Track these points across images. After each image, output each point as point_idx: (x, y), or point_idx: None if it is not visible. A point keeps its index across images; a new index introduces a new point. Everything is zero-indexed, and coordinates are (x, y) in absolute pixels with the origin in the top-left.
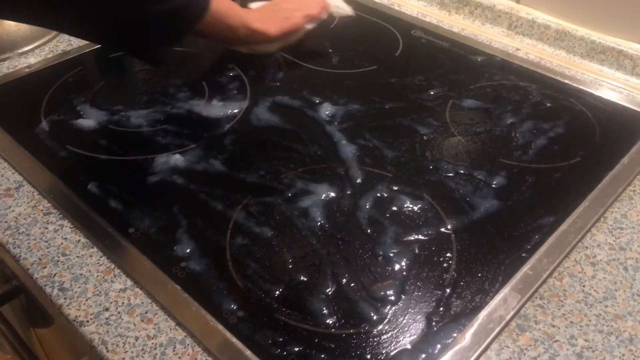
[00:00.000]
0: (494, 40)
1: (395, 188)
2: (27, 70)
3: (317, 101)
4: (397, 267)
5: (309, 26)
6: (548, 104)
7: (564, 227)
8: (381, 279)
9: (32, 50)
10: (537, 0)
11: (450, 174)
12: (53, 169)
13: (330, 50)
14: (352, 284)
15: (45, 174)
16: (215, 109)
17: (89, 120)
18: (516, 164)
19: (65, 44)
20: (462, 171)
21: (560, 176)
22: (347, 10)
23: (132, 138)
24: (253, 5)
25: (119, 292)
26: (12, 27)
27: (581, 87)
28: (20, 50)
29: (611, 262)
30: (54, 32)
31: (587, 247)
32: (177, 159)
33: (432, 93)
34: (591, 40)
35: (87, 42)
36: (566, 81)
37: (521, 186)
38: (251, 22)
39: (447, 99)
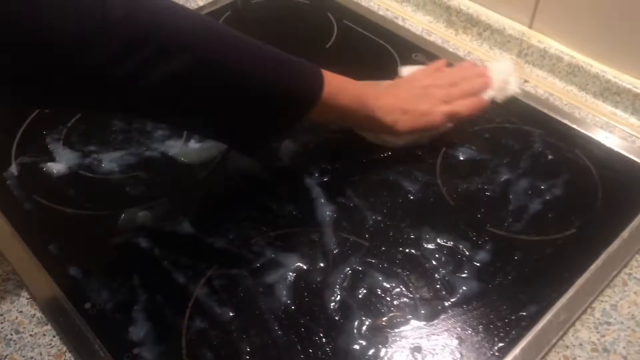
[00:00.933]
0: None
1: (371, 261)
2: None
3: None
4: None
5: (450, 124)
6: (550, 157)
7: (545, 319)
8: None
9: None
10: (551, 26)
11: (432, 246)
12: (17, 224)
13: None
14: None
15: (9, 231)
16: (192, 152)
17: (60, 164)
18: (505, 234)
19: None
20: (444, 242)
21: (551, 252)
22: (513, 89)
23: (101, 187)
24: (404, 70)
25: None
26: None
27: (589, 134)
28: None
29: None
30: None
31: (567, 347)
32: (144, 216)
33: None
34: (606, 79)
35: None
36: (574, 126)
37: (507, 264)
38: (377, 113)
39: (440, 147)
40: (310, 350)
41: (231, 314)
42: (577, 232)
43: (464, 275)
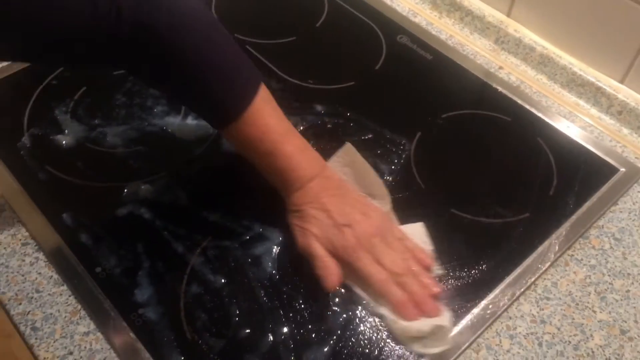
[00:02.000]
0: (478, 54)
1: None
2: (12, 69)
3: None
4: (331, 327)
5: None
6: (516, 145)
7: (493, 294)
8: (315, 340)
9: None
10: (527, 16)
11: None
12: (32, 193)
13: (308, 62)
14: (289, 342)
15: (25, 199)
16: (189, 128)
17: (68, 136)
18: (467, 216)
19: None
20: (412, 222)
21: (505, 234)
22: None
23: (106, 160)
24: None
25: (83, 335)
26: None
27: (553, 123)
28: None
29: (528, 336)
30: None
31: (510, 318)
32: (146, 189)
33: (403, 121)
34: (572, 71)
35: None
36: (540, 114)
37: (464, 244)
38: (297, 192)
39: (416, 131)
40: (291, 315)
41: (223, 281)
42: (530, 216)
43: None
